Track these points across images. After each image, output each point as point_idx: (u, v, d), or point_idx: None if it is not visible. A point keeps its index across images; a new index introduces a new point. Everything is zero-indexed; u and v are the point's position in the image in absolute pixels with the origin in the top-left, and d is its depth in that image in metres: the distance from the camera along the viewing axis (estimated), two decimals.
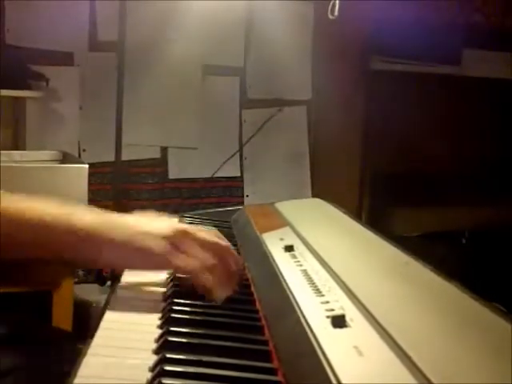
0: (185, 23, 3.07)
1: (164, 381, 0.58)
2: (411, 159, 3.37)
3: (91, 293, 2.45)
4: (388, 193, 3.42)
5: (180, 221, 1.30)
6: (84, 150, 3.00)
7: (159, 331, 0.72)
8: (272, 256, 0.98)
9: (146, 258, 0.83)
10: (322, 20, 3.09)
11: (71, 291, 1.96)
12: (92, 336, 0.69)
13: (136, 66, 3.03)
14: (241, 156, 3.31)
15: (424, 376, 0.54)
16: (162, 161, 3.18)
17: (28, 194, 0.99)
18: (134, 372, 0.62)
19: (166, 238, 0.83)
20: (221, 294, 0.83)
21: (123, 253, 0.82)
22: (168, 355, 0.63)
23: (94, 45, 2.99)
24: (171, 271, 0.91)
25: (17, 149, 2.75)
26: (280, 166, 3.36)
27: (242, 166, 3.31)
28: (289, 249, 0.99)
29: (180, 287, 0.86)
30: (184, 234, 0.85)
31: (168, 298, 0.83)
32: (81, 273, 2.74)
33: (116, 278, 0.93)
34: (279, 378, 0.63)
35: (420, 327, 0.67)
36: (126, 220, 0.86)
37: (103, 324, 0.73)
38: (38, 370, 0.84)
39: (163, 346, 0.67)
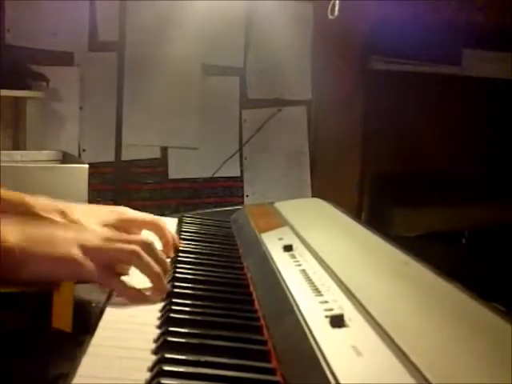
0: (185, 23, 3.07)
1: (163, 381, 0.58)
2: (411, 159, 3.37)
3: (91, 292, 2.45)
4: (387, 192, 3.42)
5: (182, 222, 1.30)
6: (84, 150, 3.01)
7: (158, 331, 0.72)
8: (271, 256, 0.98)
9: (57, 267, 0.81)
10: (321, 20, 3.09)
11: (71, 291, 1.96)
12: (91, 336, 0.69)
13: (136, 66, 3.03)
14: (241, 156, 3.31)
15: (422, 376, 0.54)
16: (162, 161, 3.18)
17: (28, 194, 1.00)
18: (133, 372, 0.61)
19: (79, 245, 0.82)
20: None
21: (38, 263, 0.80)
22: (167, 355, 0.63)
23: (94, 45, 2.99)
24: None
25: (17, 149, 2.75)
26: (280, 165, 3.36)
27: (241, 165, 3.31)
28: (288, 248, 0.99)
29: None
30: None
31: (167, 297, 0.83)
32: None
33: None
34: (278, 377, 0.63)
35: (419, 327, 0.67)
36: (45, 231, 0.84)
37: (102, 324, 0.73)
38: (38, 370, 0.84)
39: (162, 346, 0.67)
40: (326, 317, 0.68)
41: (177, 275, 0.92)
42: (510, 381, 0.52)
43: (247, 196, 3.32)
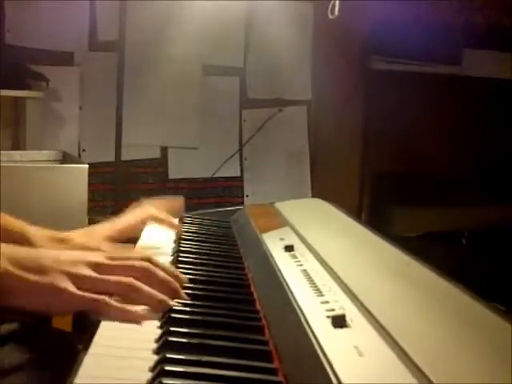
0: (185, 23, 3.07)
1: (164, 381, 0.58)
2: (411, 159, 3.37)
3: None
4: (388, 193, 3.42)
5: (180, 222, 1.31)
6: (84, 150, 3.00)
7: (159, 331, 0.71)
8: (272, 256, 0.98)
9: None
10: (321, 20, 3.09)
11: None
12: (92, 336, 0.69)
13: (136, 66, 3.03)
14: (241, 156, 3.31)
15: (424, 376, 0.54)
16: (162, 161, 3.18)
17: (27, 194, 1.00)
18: (134, 372, 0.61)
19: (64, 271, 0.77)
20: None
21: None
22: (168, 355, 0.63)
23: (93, 45, 2.99)
24: None
25: (17, 149, 2.75)
26: (280, 165, 3.36)
27: (242, 165, 3.31)
28: (289, 249, 0.99)
29: None
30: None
31: None
32: None
33: None
34: (279, 378, 0.63)
35: (420, 327, 0.67)
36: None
37: (103, 324, 0.73)
38: (38, 370, 0.84)
39: (163, 345, 0.67)
40: (328, 317, 0.68)
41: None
42: (510, 381, 0.52)
43: (247, 196, 3.32)
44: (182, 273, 0.93)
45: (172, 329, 0.71)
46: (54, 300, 0.76)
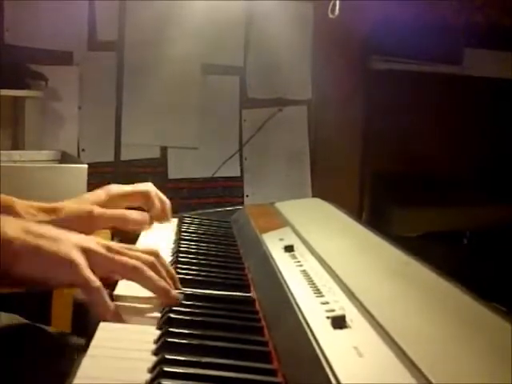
0: (184, 23, 3.07)
1: (163, 382, 0.58)
2: (412, 159, 3.37)
3: None
4: (388, 193, 3.42)
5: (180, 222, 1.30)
6: (83, 150, 3.00)
7: (158, 332, 0.71)
8: (272, 256, 0.98)
9: (52, 266, 0.76)
10: (321, 20, 3.09)
11: (71, 292, 1.96)
12: (91, 337, 0.69)
13: (135, 66, 3.03)
14: (241, 156, 3.30)
15: (424, 376, 0.54)
16: (162, 161, 3.17)
17: (27, 193, 0.99)
18: (133, 373, 0.61)
19: (79, 247, 0.78)
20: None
21: (31, 258, 0.76)
22: (167, 356, 0.63)
23: (93, 44, 2.99)
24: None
25: (16, 148, 2.74)
26: (280, 165, 3.36)
27: (242, 165, 3.31)
28: (289, 249, 0.99)
29: None
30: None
31: None
32: None
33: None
34: (279, 379, 0.63)
35: (420, 328, 0.66)
36: (43, 228, 0.80)
37: (102, 325, 0.73)
38: (38, 370, 0.84)
39: (162, 346, 0.67)
40: (328, 318, 0.68)
41: (177, 276, 0.91)
42: (510, 381, 0.52)
43: (247, 196, 3.32)
44: (182, 273, 0.93)
45: (171, 330, 0.70)
46: (57, 268, 0.76)
